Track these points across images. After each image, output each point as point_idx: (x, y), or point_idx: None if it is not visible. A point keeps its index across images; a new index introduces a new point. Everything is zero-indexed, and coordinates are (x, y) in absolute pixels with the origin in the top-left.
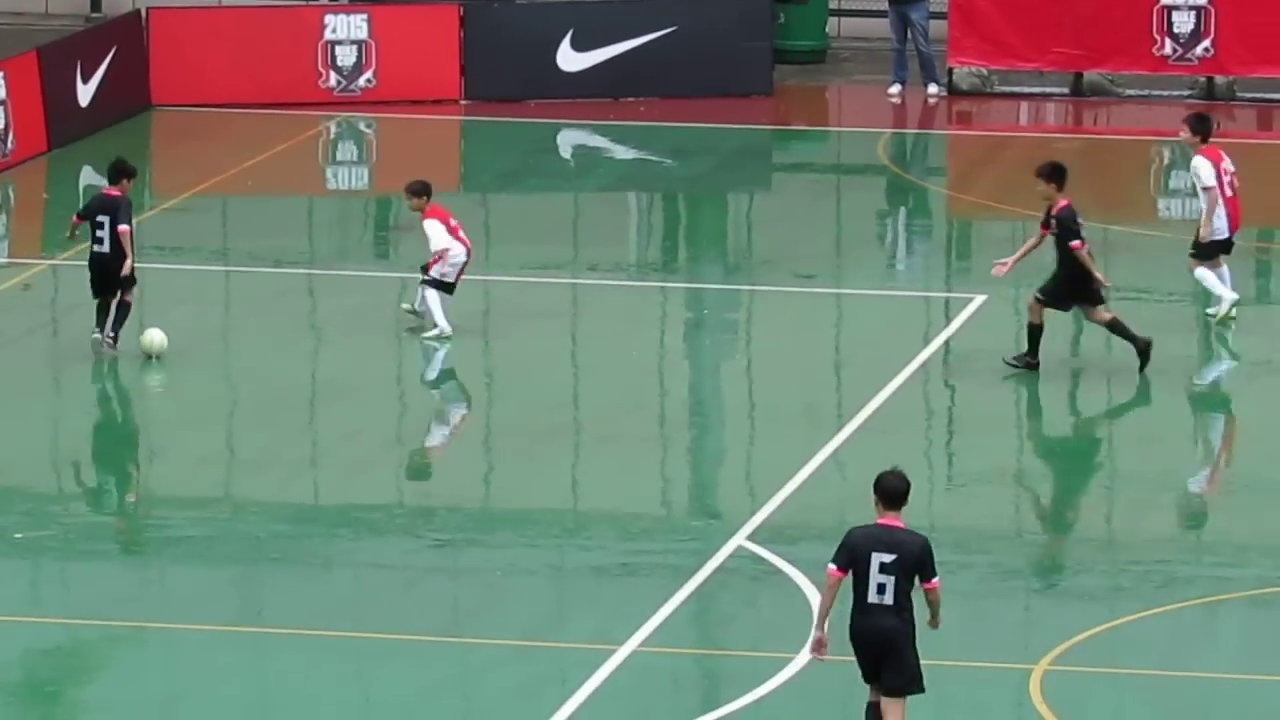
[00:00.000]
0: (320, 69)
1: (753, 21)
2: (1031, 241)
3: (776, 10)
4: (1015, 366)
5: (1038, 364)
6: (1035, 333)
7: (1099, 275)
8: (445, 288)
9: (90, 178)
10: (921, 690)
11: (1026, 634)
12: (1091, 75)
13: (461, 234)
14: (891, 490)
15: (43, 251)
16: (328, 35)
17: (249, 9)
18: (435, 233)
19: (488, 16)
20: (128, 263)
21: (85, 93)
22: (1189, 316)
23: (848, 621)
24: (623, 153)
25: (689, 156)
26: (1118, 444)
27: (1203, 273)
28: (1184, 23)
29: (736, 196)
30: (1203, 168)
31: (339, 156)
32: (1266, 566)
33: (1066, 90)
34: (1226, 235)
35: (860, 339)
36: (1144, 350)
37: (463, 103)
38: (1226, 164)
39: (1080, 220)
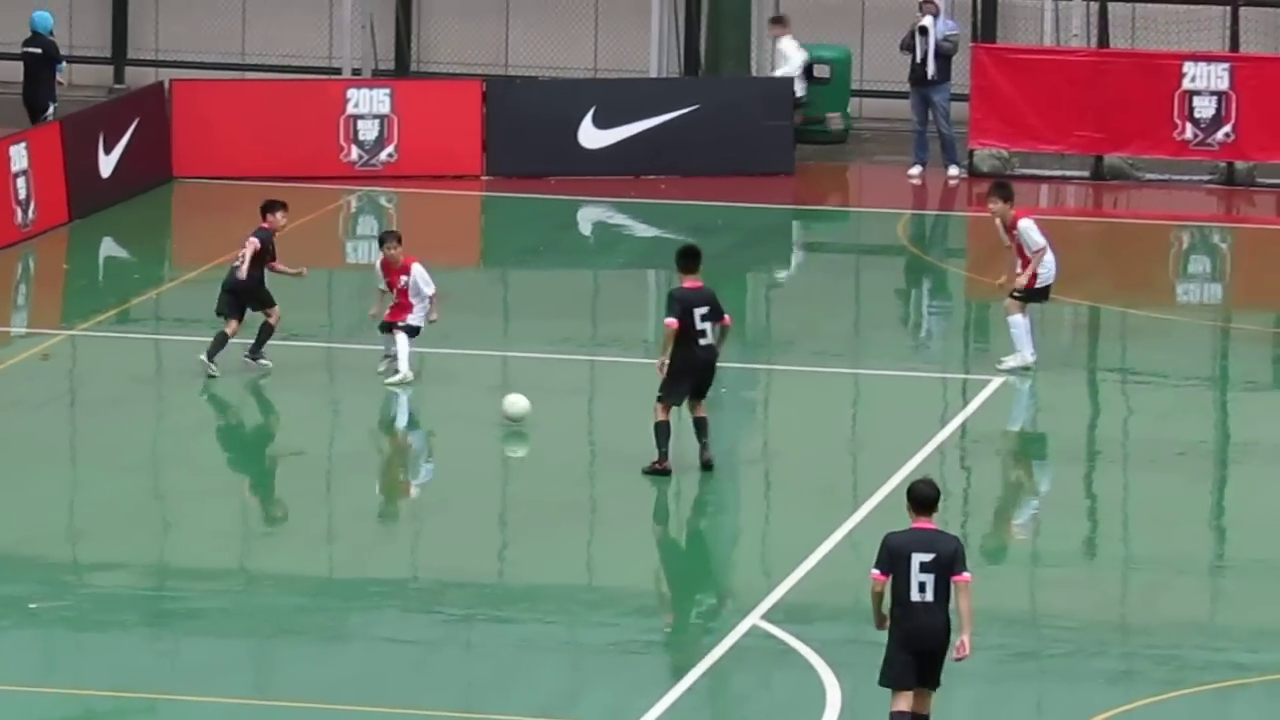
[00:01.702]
0: (342, 143)
1: (774, 101)
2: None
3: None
4: (655, 473)
5: (669, 470)
6: (661, 431)
7: (663, 358)
8: (416, 331)
9: (110, 249)
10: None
11: (1040, 716)
12: (1112, 159)
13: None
14: (922, 496)
15: (62, 322)
16: (350, 109)
17: (272, 82)
18: (427, 277)
19: (510, 93)
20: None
21: (107, 164)
22: (1206, 400)
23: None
24: (643, 230)
25: (709, 235)
26: (1132, 527)
27: (1018, 321)
28: (1205, 108)
29: (756, 275)
30: (1032, 230)
31: (359, 230)
32: None
33: (1087, 173)
34: (1051, 281)
35: (878, 419)
36: (703, 465)
37: (484, 178)
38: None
39: (699, 307)
